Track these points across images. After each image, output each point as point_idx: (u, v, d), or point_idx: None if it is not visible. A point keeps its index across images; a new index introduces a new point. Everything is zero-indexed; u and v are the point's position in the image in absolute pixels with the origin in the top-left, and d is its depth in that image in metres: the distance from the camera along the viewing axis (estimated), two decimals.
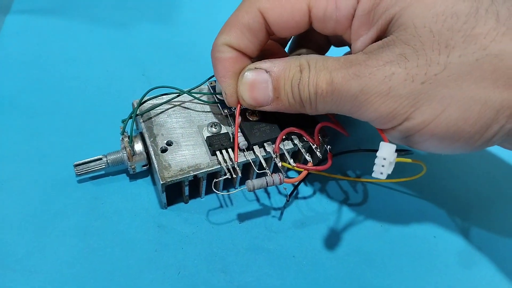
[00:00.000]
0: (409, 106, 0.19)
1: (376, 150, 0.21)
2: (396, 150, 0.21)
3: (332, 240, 0.28)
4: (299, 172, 0.29)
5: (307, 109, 0.23)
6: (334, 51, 0.30)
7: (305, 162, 0.27)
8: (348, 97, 0.21)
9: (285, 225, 0.28)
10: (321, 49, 0.29)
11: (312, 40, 0.29)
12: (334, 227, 0.28)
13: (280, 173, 0.26)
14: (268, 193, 0.30)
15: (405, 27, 0.19)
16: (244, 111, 0.28)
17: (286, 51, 0.30)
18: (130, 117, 0.27)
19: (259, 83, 0.23)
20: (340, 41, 0.28)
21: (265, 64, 0.23)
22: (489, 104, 0.19)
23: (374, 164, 0.21)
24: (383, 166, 0.21)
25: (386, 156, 0.21)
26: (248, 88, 0.24)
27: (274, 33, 0.24)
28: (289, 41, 0.30)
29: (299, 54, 0.24)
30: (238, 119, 0.26)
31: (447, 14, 0.19)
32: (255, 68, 0.24)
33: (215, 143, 0.27)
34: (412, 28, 0.19)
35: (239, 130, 0.27)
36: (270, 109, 0.24)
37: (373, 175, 0.22)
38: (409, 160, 0.25)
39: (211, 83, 0.30)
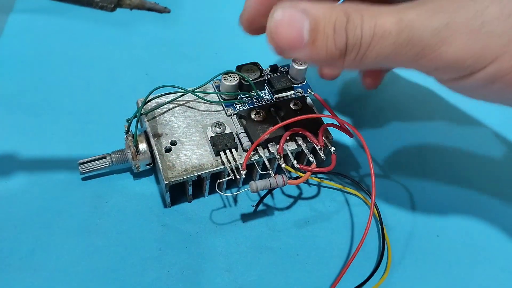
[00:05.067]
0: (501, 46, 0.17)
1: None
2: None
3: (336, 239, 0.28)
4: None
5: (348, 60, 0.20)
6: None
7: (309, 163, 0.27)
8: (423, 35, 0.18)
9: (288, 224, 0.28)
10: None
11: None
12: (337, 226, 0.29)
13: (283, 175, 0.26)
14: (271, 193, 0.30)
15: None
16: (248, 111, 0.29)
17: None
18: (135, 116, 0.27)
19: (294, 21, 0.20)
20: None
21: (303, 3, 0.20)
22: None
23: None
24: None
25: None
26: (279, 27, 0.20)
27: None
28: None
29: None
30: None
31: None
32: (290, 6, 0.20)
33: (219, 143, 0.27)
34: None
35: (242, 131, 0.28)
36: (301, 55, 0.21)
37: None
38: None
39: (215, 82, 0.31)
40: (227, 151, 0.27)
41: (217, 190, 0.26)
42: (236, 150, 0.27)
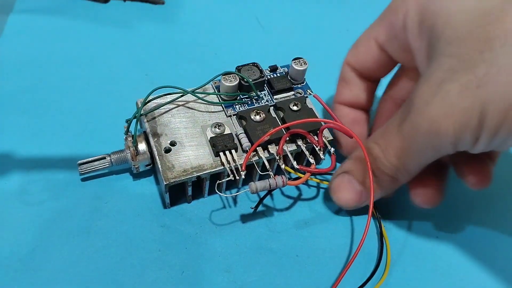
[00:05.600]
0: (476, 116, 0.19)
1: None
2: None
3: (335, 240, 0.28)
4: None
5: (400, 180, 0.25)
6: None
7: (308, 164, 0.27)
8: (424, 140, 0.21)
9: (288, 225, 0.28)
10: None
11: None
12: (336, 227, 0.29)
13: (283, 175, 0.26)
14: (271, 194, 0.30)
15: (445, 37, 0.20)
16: (248, 112, 0.28)
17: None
18: (134, 117, 0.27)
19: (345, 186, 0.26)
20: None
21: (345, 165, 0.27)
22: None
23: None
24: None
25: None
26: (341, 193, 0.26)
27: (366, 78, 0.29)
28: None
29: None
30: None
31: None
32: (337, 174, 0.27)
33: (218, 144, 0.27)
34: (450, 31, 0.20)
35: (242, 131, 0.28)
36: (368, 203, 0.25)
37: None
38: None
39: (215, 83, 0.31)
40: (227, 152, 0.27)
41: (217, 191, 0.26)
42: (236, 151, 0.27)
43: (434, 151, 0.21)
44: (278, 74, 0.31)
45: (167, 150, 0.27)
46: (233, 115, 0.29)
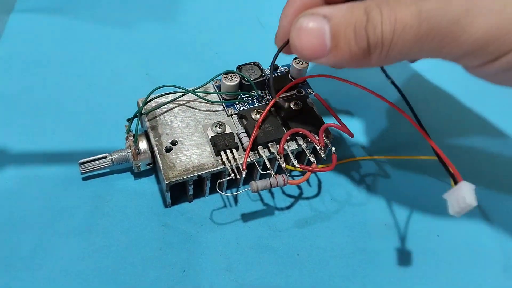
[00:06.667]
0: None
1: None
2: None
3: (336, 238, 0.28)
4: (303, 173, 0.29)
5: (374, 58, 0.20)
6: None
7: (309, 163, 0.27)
8: (443, 24, 0.17)
9: (288, 224, 0.28)
10: None
11: None
12: (337, 226, 0.29)
13: (284, 174, 0.26)
14: (272, 193, 0.30)
15: None
16: (248, 111, 0.29)
17: None
18: (135, 116, 0.28)
19: (315, 30, 0.20)
20: None
21: (323, 9, 0.20)
22: None
23: (451, 204, 0.21)
24: (463, 208, 0.20)
25: (472, 202, 0.20)
26: (302, 35, 0.20)
27: None
28: None
29: None
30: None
31: None
32: (312, 13, 0.20)
33: (219, 143, 0.27)
34: None
35: (243, 131, 0.28)
36: (326, 62, 0.21)
37: (451, 212, 0.21)
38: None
39: (216, 82, 0.31)
40: (228, 151, 0.27)
41: (218, 190, 0.26)
42: (237, 150, 0.27)
43: (443, 42, 0.18)
44: (279, 74, 0.31)
45: (168, 149, 0.27)
46: (234, 114, 0.29)
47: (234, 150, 0.27)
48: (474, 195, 0.20)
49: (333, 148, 0.27)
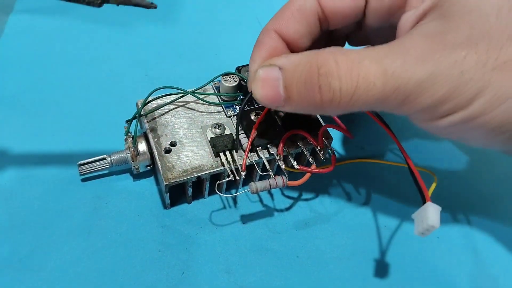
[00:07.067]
0: (474, 93, 0.18)
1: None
2: None
3: (336, 240, 0.28)
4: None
5: (330, 110, 0.20)
6: None
7: (309, 164, 0.27)
8: (408, 86, 0.18)
9: (288, 226, 0.28)
10: None
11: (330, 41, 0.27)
12: (337, 227, 0.29)
13: (283, 176, 0.26)
14: (271, 194, 0.30)
15: (469, 9, 0.18)
16: (248, 112, 0.28)
17: None
18: (134, 117, 0.27)
19: (270, 81, 0.21)
20: (363, 38, 0.26)
21: (280, 60, 0.21)
22: None
23: (417, 224, 0.21)
24: (427, 230, 0.21)
25: (434, 223, 0.20)
26: (259, 86, 0.21)
27: (326, 23, 0.22)
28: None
29: None
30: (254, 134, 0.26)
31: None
32: (270, 64, 0.21)
33: (218, 145, 0.27)
34: (477, 10, 0.18)
35: (242, 132, 0.28)
36: (284, 110, 0.22)
37: (415, 232, 0.21)
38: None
39: (215, 84, 0.31)
40: (227, 152, 0.27)
41: (217, 192, 0.26)
42: (236, 151, 0.27)
43: (404, 101, 0.19)
44: None
45: (167, 151, 0.27)
46: (233, 115, 0.29)
47: (233, 151, 0.27)
48: (439, 217, 0.21)
49: (332, 150, 0.27)
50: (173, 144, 0.27)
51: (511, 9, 0.18)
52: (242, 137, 0.27)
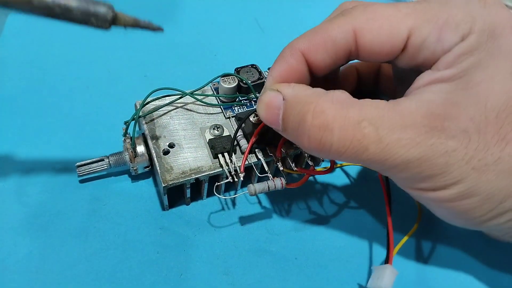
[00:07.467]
0: (452, 182, 0.19)
1: None
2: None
3: (334, 242, 0.28)
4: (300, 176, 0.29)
5: (315, 154, 0.21)
6: None
7: (307, 166, 0.27)
8: (396, 161, 0.19)
9: (287, 228, 0.28)
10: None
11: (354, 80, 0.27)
12: (335, 229, 0.29)
13: (282, 177, 0.26)
14: (269, 196, 0.30)
15: (476, 99, 0.19)
16: (247, 114, 0.28)
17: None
18: (133, 119, 0.27)
19: (272, 108, 0.21)
20: (392, 89, 0.26)
21: (286, 89, 0.21)
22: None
23: (372, 277, 0.24)
24: (377, 285, 0.23)
25: (386, 286, 0.23)
26: (263, 108, 0.22)
27: (357, 56, 0.22)
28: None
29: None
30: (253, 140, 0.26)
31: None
32: (277, 89, 0.21)
33: (217, 146, 0.27)
34: (483, 103, 0.19)
35: (241, 133, 0.28)
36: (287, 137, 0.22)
37: (368, 285, 0.24)
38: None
39: (213, 85, 0.31)
40: (226, 154, 0.27)
41: (215, 193, 0.26)
42: (235, 153, 0.27)
43: (390, 171, 0.20)
44: None
45: (166, 152, 0.27)
46: (232, 117, 0.29)
47: (232, 153, 0.27)
48: (392, 281, 0.23)
49: None
50: (171, 145, 0.27)
51: (510, 113, 0.19)
52: (241, 139, 0.27)
